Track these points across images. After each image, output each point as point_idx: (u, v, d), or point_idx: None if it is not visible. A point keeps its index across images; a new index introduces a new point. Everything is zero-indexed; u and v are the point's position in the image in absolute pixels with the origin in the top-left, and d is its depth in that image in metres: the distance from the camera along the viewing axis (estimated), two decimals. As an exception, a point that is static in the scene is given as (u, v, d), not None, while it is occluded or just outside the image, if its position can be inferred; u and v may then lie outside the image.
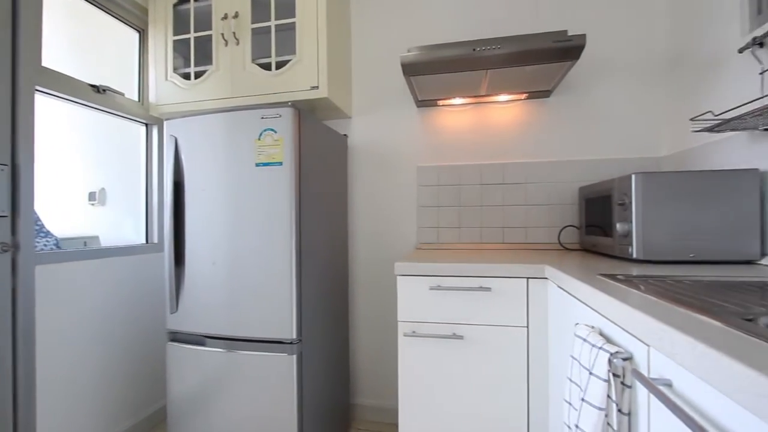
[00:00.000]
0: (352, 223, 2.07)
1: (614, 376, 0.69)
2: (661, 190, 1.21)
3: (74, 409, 1.56)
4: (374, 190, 2.05)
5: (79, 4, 1.76)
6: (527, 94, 1.81)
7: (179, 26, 1.89)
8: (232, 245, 1.45)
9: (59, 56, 1.79)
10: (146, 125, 2.05)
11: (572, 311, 1.01)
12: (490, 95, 1.82)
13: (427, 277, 1.33)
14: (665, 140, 1.74)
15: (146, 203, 2.06)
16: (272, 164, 1.41)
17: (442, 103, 1.92)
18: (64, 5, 1.76)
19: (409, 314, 1.35)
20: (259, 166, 1.42)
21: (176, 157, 1.52)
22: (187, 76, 1.86)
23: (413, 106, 2.00)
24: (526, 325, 1.26)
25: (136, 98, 2.00)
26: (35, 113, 1.38)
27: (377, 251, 2.04)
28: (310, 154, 1.52)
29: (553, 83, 1.67)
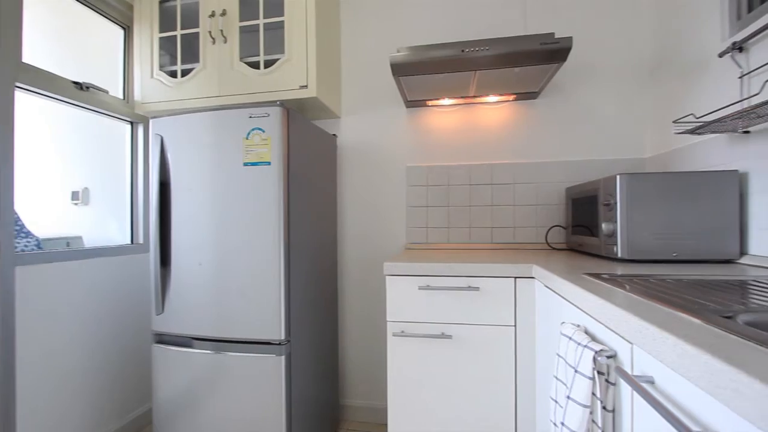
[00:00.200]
0: (341, 223, 2.07)
1: (599, 373, 0.70)
2: (645, 190, 1.23)
3: (56, 413, 1.53)
4: (364, 190, 2.05)
5: (61, -1, 1.72)
6: (515, 95, 1.83)
7: (165, 23, 1.86)
8: (219, 245, 1.44)
9: (40, 52, 1.75)
10: (131, 123, 2.02)
11: (559, 310, 1.02)
12: (478, 96, 1.83)
13: (416, 276, 1.33)
14: (650, 142, 1.77)
15: (131, 203, 2.02)
16: (260, 164, 1.40)
17: (431, 103, 1.93)
18: (45, 0, 1.72)
19: (398, 314, 1.35)
20: (247, 165, 1.41)
21: (162, 156, 1.50)
22: (173, 74, 1.84)
23: (402, 106, 2.00)
24: (513, 324, 1.27)
25: (120, 96, 1.96)
26: (15, 110, 1.35)
27: (366, 251, 2.04)
28: (298, 153, 1.51)
29: (540, 85, 1.69)
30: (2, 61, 1.31)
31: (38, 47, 1.76)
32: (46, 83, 1.53)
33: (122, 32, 1.98)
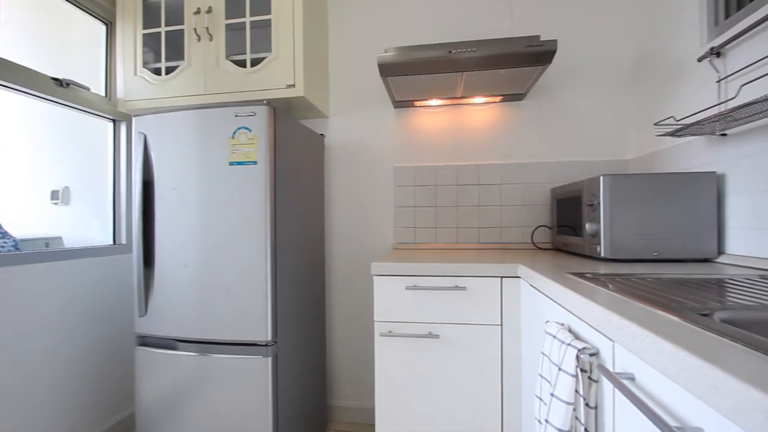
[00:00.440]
0: (329, 223, 2.06)
1: (582, 371, 0.72)
2: (627, 191, 1.26)
3: (31, 420, 1.48)
4: (352, 190, 2.04)
5: (40, -7, 1.68)
6: (502, 96, 1.85)
7: (149, 20, 1.82)
8: (204, 246, 1.42)
9: (19, 48, 1.70)
10: (114, 122, 1.97)
11: (543, 309, 1.04)
12: (465, 97, 1.85)
13: (403, 276, 1.33)
14: (632, 143, 1.81)
15: (114, 203, 1.98)
16: (246, 163, 1.38)
17: (418, 104, 1.93)
18: (23, -6, 1.68)
19: (385, 314, 1.35)
20: (232, 165, 1.39)
21: (146, 155, 1.47)
22: (157, 71, 1.80)
23: (390, 106, 2.00)
24: (500, 323, 1.29)
25: (102, 93, 1.92)
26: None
27: (354, 251, 2.03)
28: (285, 153, 1.50)
29: (526, 87, 1.71)
30: (-23, 56, 1.27)
31: (16, 42, 1.71)
32: (24, 79, 1.49)
33: (104, 28, 1.94)
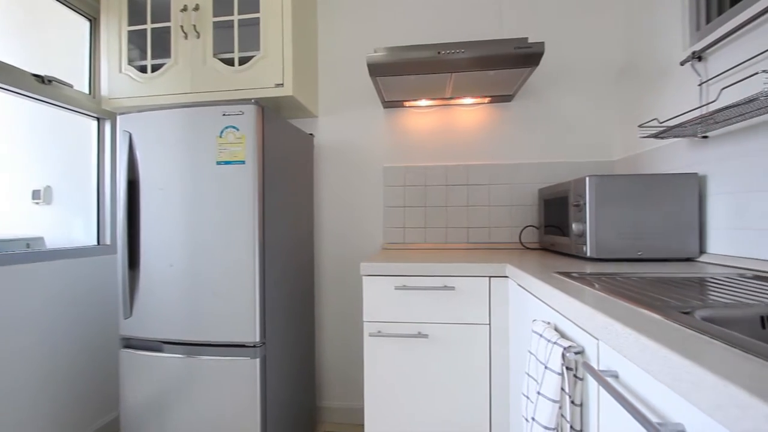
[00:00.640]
0: (318, 223, 2.05)
1: (567, 369, 0.72)
2: (612, 192, 1.28)
3: (14, 425, 1.44)
4: (341, 190, 2.04)
5: (21, -13, 1.63)
6: (490, 98, 1.86)
7: (134, 16, 1.79)
8: (191, 246, 1.40)
9: (-2, 43, 1.65)
10: (98, 119, 1.94)
11: (530, 308, 1.05)
12: (454, 98, 1.86)
13: (392, 276, 1.33)
14: (618, 144, 1.84)
15: (98, 202, 1.94)
16: (234, 163, 1.37)
17: (408, 104, 1.94)
18: (3, -12, 1.63)
19: (374, 314, 1.35)
20: (220, 164, 1.38)
21: (131, 153, 1.44)
22: (143, 69, 1.77)
23: (380, 106, 2.00)
24: (488, 322, 1.30)
25: (86, 91, 1.88)
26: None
27: (344, 251, 2.03)
28: (274, 152, 1.49)
29: (514, 88, 1.73)
30: (-46, 51, 1.23)
31: (-5, 37, 1.66)
32: (4, 76, 1.45)
33: (88, 24, 1.90)
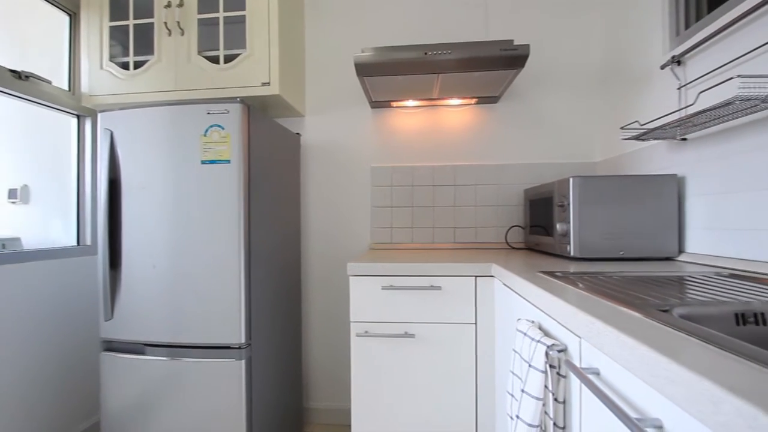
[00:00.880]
0: (305, 223, 2.04)
1: (551, 367, 0.74)
2: (595, 192, 1.30)
3: (-11, 430, 1.40)
4: (328, 189, 2.03)
5: (-4, -21, 1.58)
6: (477, 99, 1.88)
7: (116, 11, 1.75)
8: (175, 247, 1.38)
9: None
10: (78, 117, 1.89)
11: (516, 307, 1.06)
12: (441, 99, 1.87)
13: (379, 277, 1.33)
14: (601, 146, 1.88)
15: (78, 202, 1.89)
16: (219, 162, 1.35)
17: (395, 104, 1.94)
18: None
19: (361, 314, 1.35)
20: (205, 163, 1.36)
21: (112, 152, 1.41)
22: (125, 65, 1.74)
23: (367, 106, 2.00)
24: (474, 321, 1.31)
25: (65, 87, 1.83)
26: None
27: (331, 251, 2.02)
28: (260, 152, 1.48)
29: (500, 89, 1.74)
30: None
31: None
32: (-23, 71, 1.41)
33: (68, 19, 1.85)
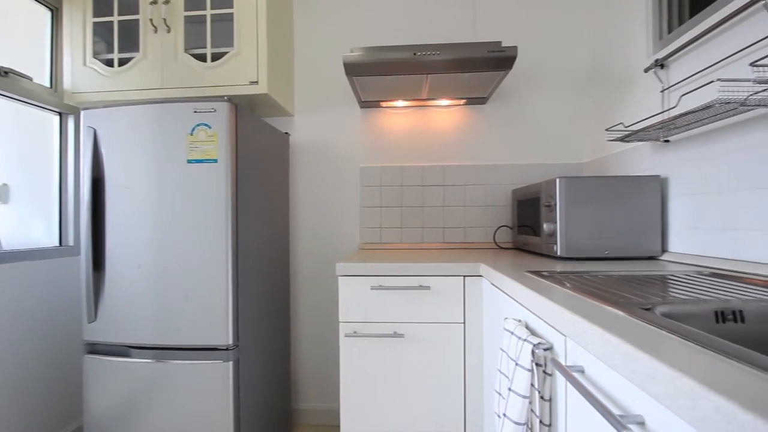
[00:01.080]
0: (294, 223, 2.02)
1: (537, 365, 0.74)
2: (581, 193, 1.32)
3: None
4: (317, 189, 2.02)
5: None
6: (465, 99, 1.89)
7: (100, 7, 1.71)
8: (161, 247, 1.35)
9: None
10: (60, 114, 1.85)
11: (503, 306, 1.07)
12: (431, 99, 1.88)
13: (368, 277, 1.33)
14: (587, 147, 1.91)
15: (60, 201, 1.85)
16: (206, 161, 1.34)
17: (385, 104, 1.94)
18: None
19: (350, 314, 1.34)
20: (191, 162, 1.34)
21: (95, 150, 1.38)
22: (109, 62, 1.70)
23: (356, 106, 2.00)
24: (462, 321, 1.32)
25: (47, 84, 1.79)
26: None
27: (320, 251, 2.01)
28: (248, 151, 1.46)
29: (488, 91, 1.76)
30: None
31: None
32: (-46, 66, 1.36)
33: (49, 14, 1.81)
